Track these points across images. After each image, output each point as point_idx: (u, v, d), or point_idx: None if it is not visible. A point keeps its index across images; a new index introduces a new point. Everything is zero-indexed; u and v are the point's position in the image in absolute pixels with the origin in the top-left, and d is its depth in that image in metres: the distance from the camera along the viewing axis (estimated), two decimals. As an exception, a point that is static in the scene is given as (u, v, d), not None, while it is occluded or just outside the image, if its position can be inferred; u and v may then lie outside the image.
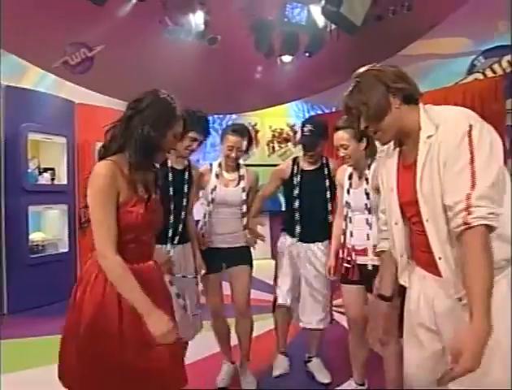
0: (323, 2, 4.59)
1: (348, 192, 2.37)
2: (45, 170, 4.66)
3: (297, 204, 2.72)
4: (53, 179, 4.69)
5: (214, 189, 2.59)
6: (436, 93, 4.60)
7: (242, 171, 2.67)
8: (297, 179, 2.73)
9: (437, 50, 5.83)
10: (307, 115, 6.51)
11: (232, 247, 2.60)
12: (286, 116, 6.76)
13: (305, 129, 2.71)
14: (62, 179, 4.77)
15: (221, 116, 7.63)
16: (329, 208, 2.73)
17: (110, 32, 5.24)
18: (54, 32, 4.76)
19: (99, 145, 1.59)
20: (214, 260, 2.55)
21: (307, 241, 2.72)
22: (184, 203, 2.41)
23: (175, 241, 2.35)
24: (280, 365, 2.88)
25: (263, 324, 2.90)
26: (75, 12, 4.65)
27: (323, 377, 2.73)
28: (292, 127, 6.66)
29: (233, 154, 2.56)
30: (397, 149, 1.49)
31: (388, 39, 5.95)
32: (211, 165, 2.70)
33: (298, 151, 2.86)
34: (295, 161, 2.81)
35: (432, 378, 1.36)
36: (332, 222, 2.67)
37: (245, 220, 2.65)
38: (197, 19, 5.42)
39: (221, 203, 2.59)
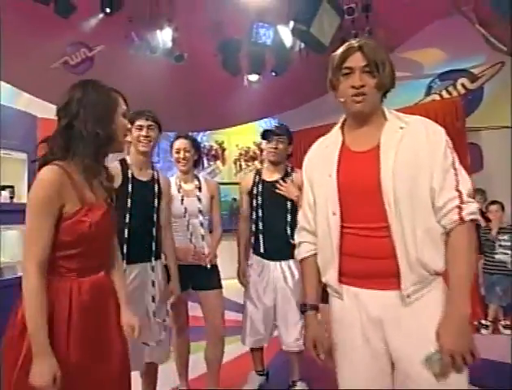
0: (292, 23, 4.70)
1: None
2: (4, 187, 4.32)
3: (258, 215, 2.65)
4: (12, 198, 4.39)
5: (182, 199, 2.55)
6: (400, 112, 4.78)
7: (201, 180, 2.65)
8: (257, 190, 2.68)
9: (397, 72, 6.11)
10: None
11: (199, 265, 2.49)
12: (253, 134, 6.77)
13: (272, 126, 2.77)
14: (22, 197, 4.46)
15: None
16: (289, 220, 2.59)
17: (74, 45, 5.12)
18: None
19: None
20: (181, 278, 2.41)
21: (276, 259, 2.61)
22: (155, 219, 2.24)
23: (148, 259, 2.19)
24: (251, 382, 2.78)
25: (237, 346, 2.79)
26: (41, 24, 4.51)
27: None
28: (259, 145, 6.67)
29: (181, 155, 2.56)
30: (340, 138, 1.46)
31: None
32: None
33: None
34: (257, 172, 2.79)
35: None
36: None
37: (209, 236, 2.60)
38: (164, 35, 5.39)
39: (190, 214, 2.54)
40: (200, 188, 2.61)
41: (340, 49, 1.39)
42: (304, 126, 6.04)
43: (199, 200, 2.57)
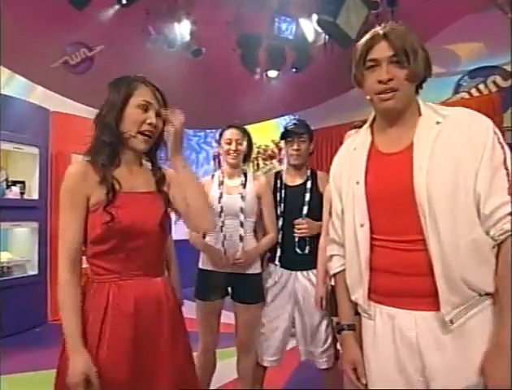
0: (315, 16, 4.49)
1: None
2: (14, 183, 4.21)
3: (280, 224, 2.36)
4: (22, 194, 4.26)
5: (220, 197, 2.31)
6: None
7: (246, 177, 2.38)
8: (280, 196, 2.40)
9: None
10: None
11: (240, 273, 2.25)
12: (272, 132, 6.56)
13: (290, 123, 2.46)
14: (33, 193, 4.35)
15: (202, 134, 7.41)
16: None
17: (89, 38, 4.99)
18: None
19: (75, 157, 1.43)
20: (216, 286, 2.23)
21: (298, 269, 2.35)
22: None
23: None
24: None
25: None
26: (55, 17, 4.38)
27: None
28: (277, 144, 6.46)
29: (233, 147, 2.30)
30: (369, 138, 1.26)
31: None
32: (213, 176, 2.44)
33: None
34: (278, 175, 2.50)
35: None
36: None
37: (251, 240, 2.34)
38: (182, 29, 5.22)
39: (228, 214, 2.30)
40: (244, 185, 2.36)
41: (364, 39, 1.20)
42: (325, 124, 5.83)
43: (242, 197, 2.32)
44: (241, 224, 2.30)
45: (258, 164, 6.81)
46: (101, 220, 1.25)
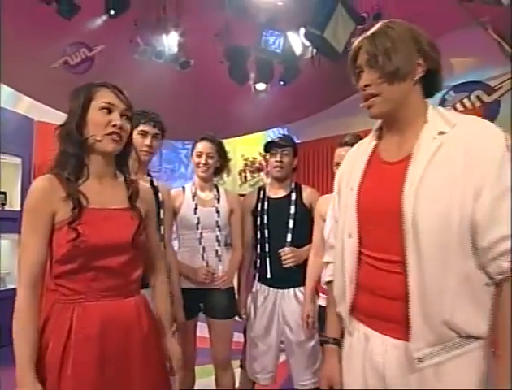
0: (303, 29, 4.52)
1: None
2: (-5, 194, 4.12)
3: (264, 236, 2.35)
4: (3, 205, 4.16)
5: (196, 209, 2.26)
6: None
7: (220, 191, 2.36)
8: (262, 207, 2.38)
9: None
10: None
11: (212, 288, 2.21)
12: (259, 145, 6.55)
13: (275, 137, 2.49)
14: (14, 204, 4.25)
15: (190, 146, 7.35)
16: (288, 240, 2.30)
17: (74, 45, 4.94)
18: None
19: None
20: (189, 304, 2.18)
21: (283, 286, 2.33)
22: (162, 231, 2.01)
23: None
24: None
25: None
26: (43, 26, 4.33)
27: None
28: (265, 156, 6.46)
29: (203, 160, 2.26)
30: (373, 143, 1.18)
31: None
32: (184, 187, 2.39)
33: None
34: (261, 188, 2.51)
35: None
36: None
37: (226, 254, 2.31)
38: (170, 41, 5.23)
39: (204, 227, 2.26)
40: (218, 200, 2.33)
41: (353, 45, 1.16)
42: (313, 137, 5.85)
43: (217, 212, 2.28)
44: (217, 240, 2.27)
45: (245, 176, 6.79)
46: (66, 238, 1.19)
